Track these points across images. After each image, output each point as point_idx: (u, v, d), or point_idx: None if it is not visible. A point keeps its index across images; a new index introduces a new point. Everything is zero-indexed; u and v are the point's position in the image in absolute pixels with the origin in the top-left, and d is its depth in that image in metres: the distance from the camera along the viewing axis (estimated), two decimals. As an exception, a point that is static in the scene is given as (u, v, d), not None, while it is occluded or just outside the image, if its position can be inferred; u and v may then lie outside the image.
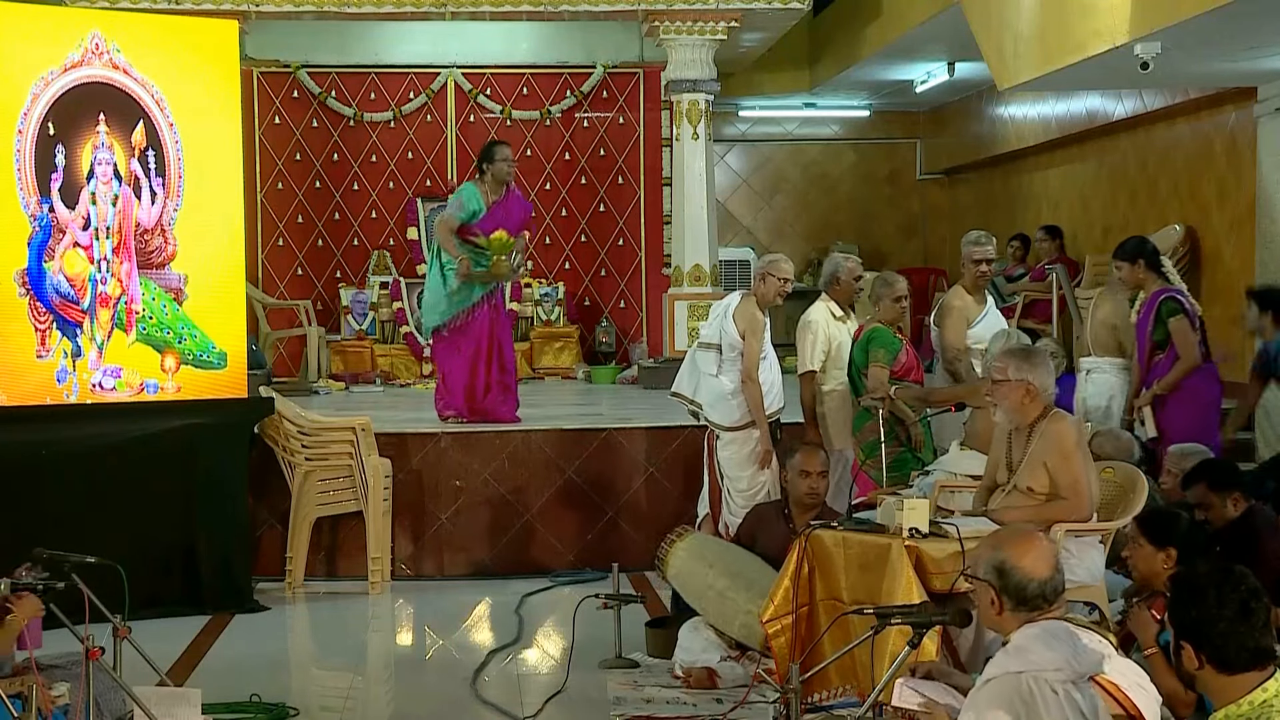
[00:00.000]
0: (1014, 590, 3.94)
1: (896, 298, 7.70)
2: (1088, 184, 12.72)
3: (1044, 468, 5.63)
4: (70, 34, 7.99)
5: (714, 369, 7.90)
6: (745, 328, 7.78)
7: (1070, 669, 3.75)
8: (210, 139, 8.44)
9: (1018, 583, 3.94)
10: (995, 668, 3.84)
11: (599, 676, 6.54)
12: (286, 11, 11.53)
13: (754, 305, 7.85)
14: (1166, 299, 7.98)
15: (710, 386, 7.92)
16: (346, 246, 13.66)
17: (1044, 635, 3.85)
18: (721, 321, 7.90)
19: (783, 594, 5.85)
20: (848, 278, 8.11)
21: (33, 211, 7.80)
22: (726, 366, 7.86)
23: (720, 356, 7.88)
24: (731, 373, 7.84)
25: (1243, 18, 7.10)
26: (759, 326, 7.81)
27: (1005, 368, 5.75)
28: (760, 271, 7.95)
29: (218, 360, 8.43)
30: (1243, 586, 3.49)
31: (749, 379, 7.77)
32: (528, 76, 13.70)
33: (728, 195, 15.78)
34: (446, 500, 8.96)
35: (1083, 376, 8.41)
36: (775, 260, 7.96)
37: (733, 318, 7.83)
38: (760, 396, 7.77)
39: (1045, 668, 3.74)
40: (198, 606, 7.88)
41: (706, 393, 7.94)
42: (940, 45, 12.16)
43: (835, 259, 8.26)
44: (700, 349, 8.06)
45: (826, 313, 8.03)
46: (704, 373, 7.96)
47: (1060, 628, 3.90)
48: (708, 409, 7.95)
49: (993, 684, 3.78)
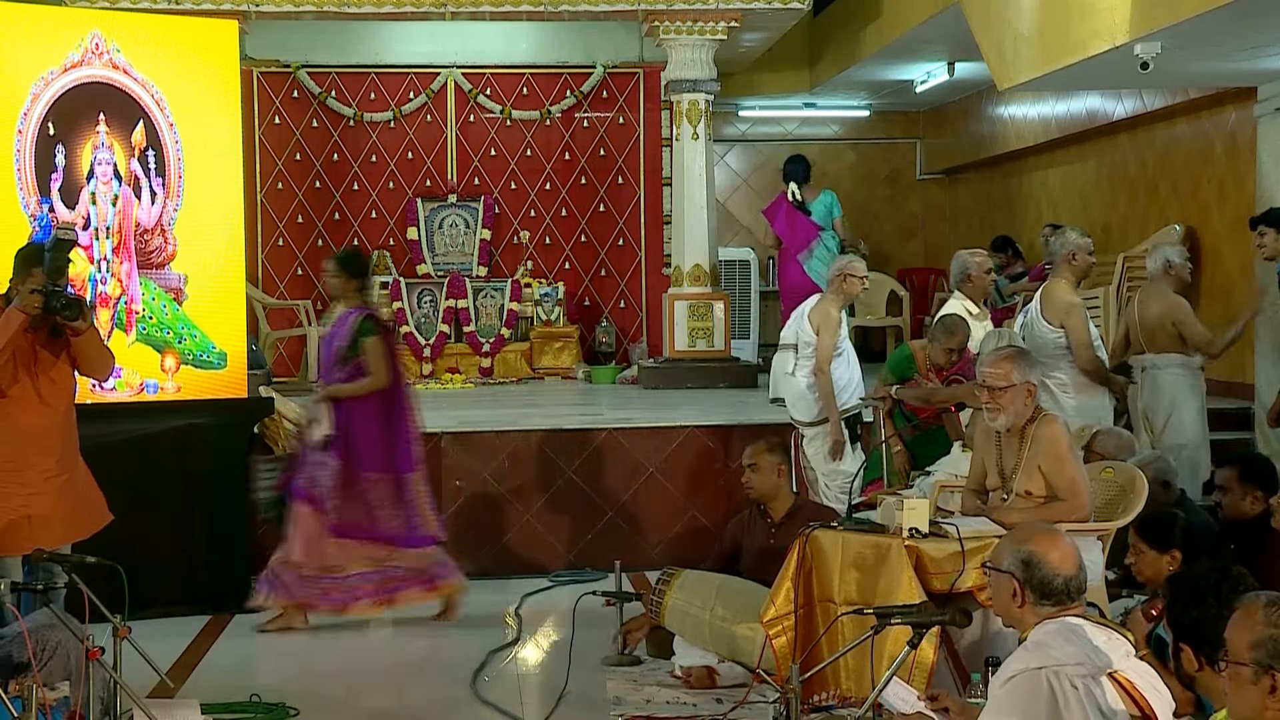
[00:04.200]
0: (1040, 583, 3.96)
1: (949, 349, 7.82)
2: (1088, 184, 12.72)
3: (1039, 471, 5.62)
4: (70, 34, 7.99)
5: (790, 368, 8.30)
6: (819, 323, 8.16)
7: (1090, 663, 3.76)
8: (210, 139, 8.44)
9: (1044, 576, 3.96)
10: (1016, 663, 3.85)
11: (599, 676, 6.54)
12: (286, 11, 11.53)
13: (830, 304, 8.24)
14: None
15: (789, 385, 8.32)
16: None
17: (1063, 630, 3.86)
18: (798, 322, 8.32)
19: (784, 594, 5.85)
20: (979, 273, 8.20)
21: (33, 211, 7.80)
22: (802, 364, 8.24)
23: (796, 355, 8.26)
24: (807, 370, 8.20)
25: (1243, 18, 7.10)
26: (833, 324, 8.18)
27: (1008, 373, 5.67)
28: (840, 273, 8.27)
29: (218, 360, 8.43)
30: (1241, 587, 3.49)
31: (820, 370, 8.11)
32: (528, 76, 13.70)
33: (728, 195, 15.78)
34: (446, 500, 8.95)
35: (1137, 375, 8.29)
36: (851, 261, 8.36)
37: (808, 317, 8.24)
38: (830, 386, 8.10)
39: (1065, 662, 3.75)
40: (198, 606, 7.88)
41: (787, 391, 8.35)
42: (940, 45, 12.16)
43: (963, 257, 8.33)
44: (780, 350, 8.48)
45: (964, 311, 8.03)
46: (782, 373, 8.36)
47: (1077, 624, 3.91)
48: (790, 407, 8.35)
49: (1014, 681, 3.80)
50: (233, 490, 8.24)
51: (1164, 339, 8.19)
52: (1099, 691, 3.73)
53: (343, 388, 7.46)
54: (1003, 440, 5.74)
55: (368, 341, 7.44)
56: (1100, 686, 3.75)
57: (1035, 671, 3.75)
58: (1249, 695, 3.01)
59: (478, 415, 10.12)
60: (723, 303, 12.15)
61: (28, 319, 5.72)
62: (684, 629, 6.49)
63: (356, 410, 7.46)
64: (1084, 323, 7.73)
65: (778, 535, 6.59)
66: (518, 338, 13.24)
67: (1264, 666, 2.97)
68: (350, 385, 7.46)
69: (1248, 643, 3.02)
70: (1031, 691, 3.72)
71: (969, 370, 7.64)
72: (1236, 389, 9.32)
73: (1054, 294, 7.76)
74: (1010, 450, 5.72)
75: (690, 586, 6.53)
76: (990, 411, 5.70)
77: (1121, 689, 3.87)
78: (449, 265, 13.55)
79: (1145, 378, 8.23)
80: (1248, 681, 3.01)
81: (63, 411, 6.00)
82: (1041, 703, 3.69)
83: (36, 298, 5.71)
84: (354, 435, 7.44)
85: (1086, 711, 3.68)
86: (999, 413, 5.66)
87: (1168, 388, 8.16)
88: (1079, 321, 7.70)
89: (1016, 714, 3.74)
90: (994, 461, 5.79)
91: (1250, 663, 3.00)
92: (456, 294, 13.16)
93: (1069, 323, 7.68)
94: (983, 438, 5.94)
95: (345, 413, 7.46)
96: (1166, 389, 8.16)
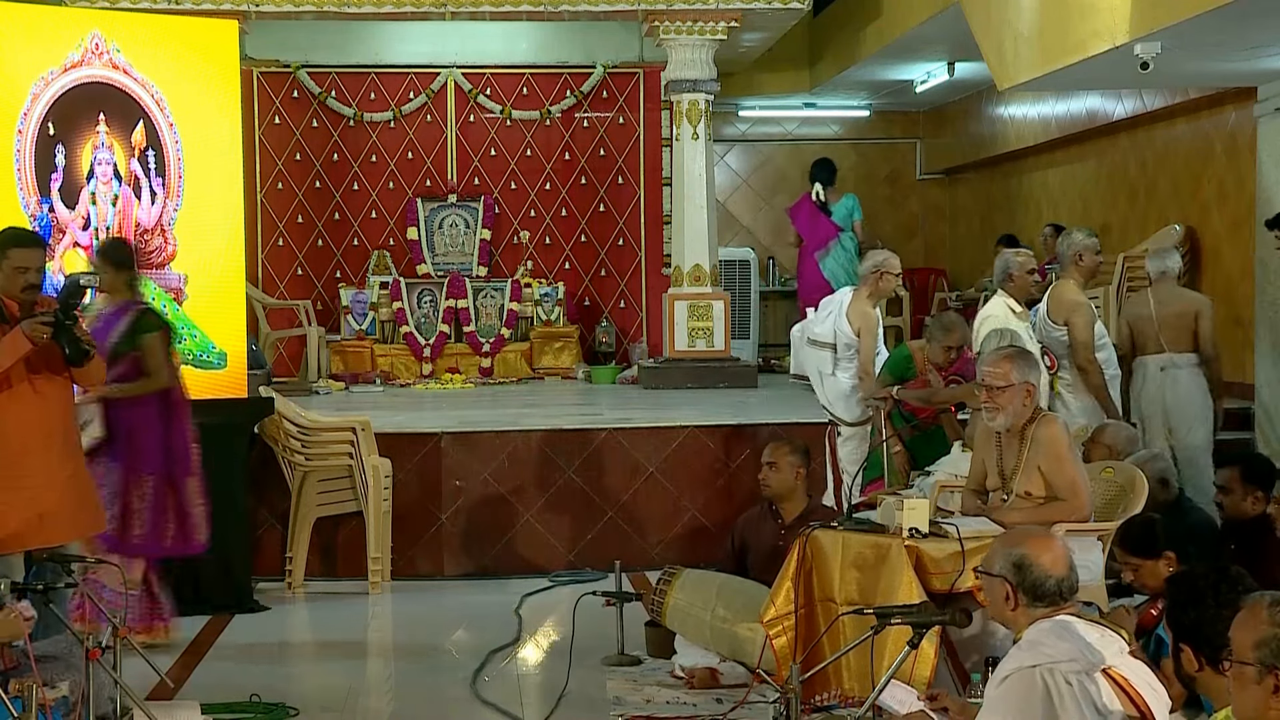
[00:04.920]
0: (1032, 586, 3.99)
1: (947, 346, 7.78)
2: (1088, 184, 12.71)
3: (1039, 472, 5.62)
4: (70, 34, 7.99)
5: (830, 368, 8.26)
6: (860, 325, 8.15)
7: (1084, 659, 3.78)
8: (210, 139, 8.45)
9: (1036, 579, 3.98)
10: (1010, 663, 3.87)
11: (599, 676, 6.54)
12: (286, 11, 11.52)
13: (866, 303, 8.20)
14: None
15: (832, 386, 8.29)
16: (346, 246, 13.66)
17: (1056, 628, 3.88)
18: (835, 320, 8.25)
19: (784, 595, 5.85)
20: (1020, 273, 7.99)
21: (33, 212, 7.81)
22: (843, 364, 8.21)
23: (835, 355, 8.22)
24: (848, 369, 8.18)
25: (1243, 18, 7.10)
26: (873, 323, 8.19)
27: (1007, 372, 5.66)
28: (876, 270, 8.23)
29: (218, 360, 8.43)
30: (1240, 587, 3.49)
31: (865, 374, 8.10)
32: (528, 76, 13.70)
33: (728, 195, 15.78)
34: (446, 500, 8.96)
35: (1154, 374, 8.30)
36: (889, 258, 8.31)
37: (846, 316, 8.18)
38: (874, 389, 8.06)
39: (1059, 659, 3.77)
40: (198, 606, 7.87)
41: (829, 391, 8.31)
42: (940, 45, 12.15)
43: (1006, 256, 8.15)
44: (812, 346, 8.38)
45: (1006, 310, 7.84)
46: (822, 373, 8.30)
47: (1071, 622, 3.93)
48: (831, 406, 8.32)
49: (1009, 681, 3.81)
50: (233, 490, 8.24)
51: (1186, 338, 8.24)
52: (1093, 688, 3.74)
53: (119, 388, 6.80)
54: (1003, 440, 5.74)
55: (147, 339, 6.85)
56: (1094, 683, 3.76)
57: (1030, 670, 3.77)
58: (1253, 695, 3.01)
59: (478, 415, 10.12)
60: (723, 303, 12.15)
61: (33, 347, 5.71)
62: (685, 629, 6.49)
63: (135, 412, 6.88)
64: (1087, 322, 7.75)
65: (787, 536, 6.55)
66: (518, 338, 13.24)
67: (1268, 666, 2.98)
68: (128, 386, 6.84)
69: (1251, 642, 3.02)
70: (1026, 690, 3.73)
71: (967, 369, 7.65)
72: (1237, 389, 9.32)
73: (1061, 294, 7.83)
74: (1010, 451, 5.72)
75: (691, 586, 6.52)
76: (989, 411, 5.70)
77: (1116, 685, 3.87)
78: (449, 265, 13.55)
79: (1165, 377, 8.26)
80: (1251, 681, 3.01)
81: (61, 406, 5.99)
82: (1037, 701, 3.70)
83: (45, 329, 5.70)
84: (134, 438, 6.90)
85: (1081, 708, 3.70)
86: (998, 412, 5.66)
87: (1191, 387, 8.21)
88: (1082, 320, 7.73)
89: (1012, 713, 3.76)
90: (994, 462, 5.78)
91: (1254, 662, 3.01)
92: (456, 294, 13.16)
93: (1072, 320, 7.72)
94: (983, 438, 5.94)
95: (121, 414, 6.87)
96: (1189, 388, 8.21)
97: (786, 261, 15.90)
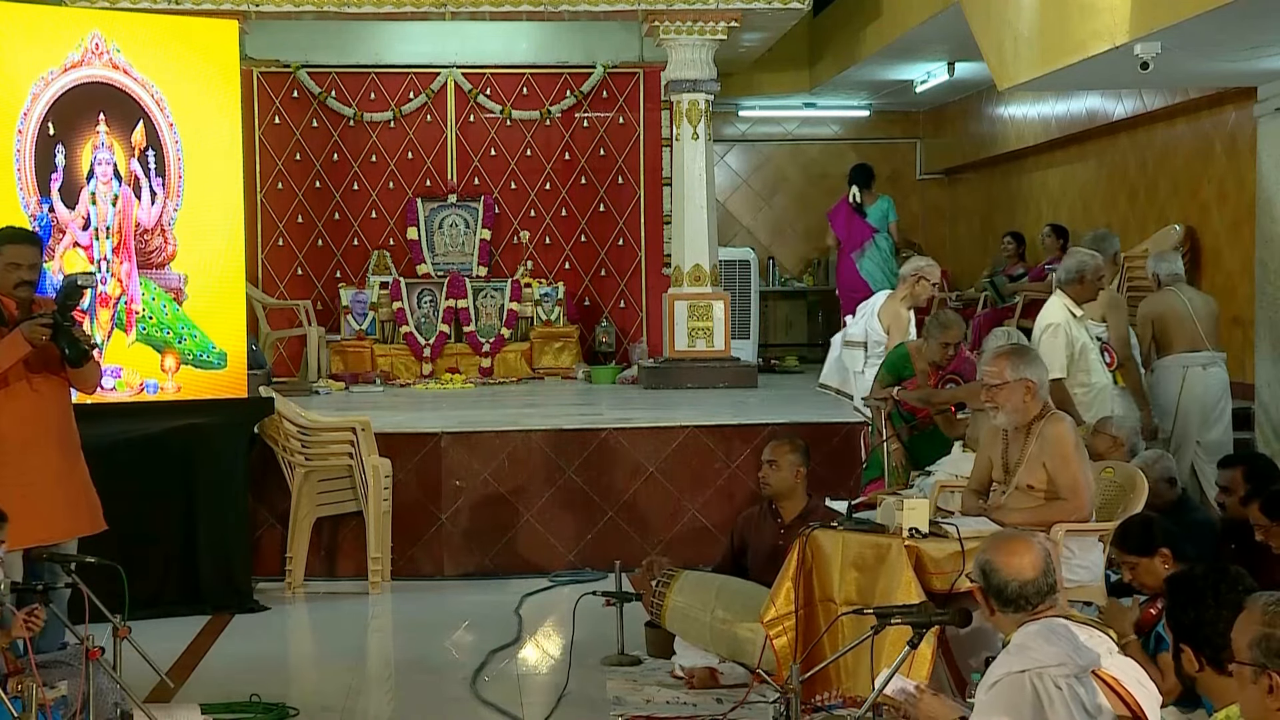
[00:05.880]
0: (994, 591, 4.00)
1: (944, 343, 7.77)
2: (1088, 184, 12.71)
3: (1043, 467, 5.64)
4: (70, 34, 7.99)
5: (860, 366, 8.46)
6: (890, 324, 8.35)
7: (1072, 663, 3.77)
8: (210, 139, 8.44)
9: (997, 584, 3.99)
10: (999, 669, 3.86)
11: (599, 676, 6.54)
12: (286, 11, 11.53)
13: (900, 305, 8.42)
14: None
15: (861, 385, 8.43)
16: (346, 246, 13.67)
17: (1044, 631, 3.87)
18: (868, 321, 8.50)
19: (784, 595, 5.86)
20: (1093, 277, 7.84)
21: (32, 212, 7.80)
22: (872, 362, 8.37)
23: (866, 354, 8.44)
24: (875, 366, 8.25)
25: (1243, 18, 7.09)
26: (903, 324, 8.37)
27: (1001, 370, 5.70)
28: (914, 275, 8.42)
29: (218, 360, 8.43)
30: (1240, 587, 3.49)
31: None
32: (528, 76, 13.70)
33: (728, 195, 15.78)
34: (446, 500, 8.96)
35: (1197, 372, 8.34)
36: (930, 266, 8.51)
37: (878, 316, 8.43)
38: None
39: (1048, 663, 3.76)
40: (198, 606, 7.88)
41: (860, 389, 8.46)
42: (940, 45, 12.16)
43: (1081, 256, 7.92)
44: (846, 346, 8.64)
45: (1066, 312, 7.73)
46: (852, 370, 8.52)
47: (1059, 624, 3.92)
48: (859, 403, 8.47)
49: (998, 687, 3.80)
50: (233, 490, 8.24)
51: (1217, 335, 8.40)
52: (1084, 691, 3.74)
53: None
54: (1009, 436, 5.79)
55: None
56: (1085, 685, 3.75)
57: (1019, 675, 3.76)
58: (1252, 694, 3.02)
59: (478, 415, 10.12)
60: (723, 303, 12.15)
61: (31, 348, 5.71)
62: (685, 630, 6.49)
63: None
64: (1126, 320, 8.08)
65: (786, 536, 6.56)
66: (518, 338, 13.25)
67: (1261, 665, 2.98)
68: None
69: (1247, 641, 3.03)
70: (1016, 695, 3.72)
71: (965, 367, 7.66)
72: (1237, 389, 9.31)
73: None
74: (1016, 445, 5.77)
75: (690, 588, 6.53)
76: (990, 409, 5.76)
77: (1106, 686, 3.87)
78: (449, 265, 13.55)
79: (1208, 375, 8.35)
80: (1249, 681, 3.02)
81: (59, 405, 5.99)
82: (1026, 706, 3.70)
83: (45, 330, 5.70)
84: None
85: (1071, 711, 3.69)
86: (998, 410, 5.72)
87: (1226, 383, 8.33)
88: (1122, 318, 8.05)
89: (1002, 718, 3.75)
90: (999, 455, 5.83)
91: (1250, 661, 3.01)
92: (456, 294, 13.16)
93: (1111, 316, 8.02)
94: (989, 435, 5.97)
95: None
96: (1225, 384, 8.36)
97: (787, 261, 15.92)
